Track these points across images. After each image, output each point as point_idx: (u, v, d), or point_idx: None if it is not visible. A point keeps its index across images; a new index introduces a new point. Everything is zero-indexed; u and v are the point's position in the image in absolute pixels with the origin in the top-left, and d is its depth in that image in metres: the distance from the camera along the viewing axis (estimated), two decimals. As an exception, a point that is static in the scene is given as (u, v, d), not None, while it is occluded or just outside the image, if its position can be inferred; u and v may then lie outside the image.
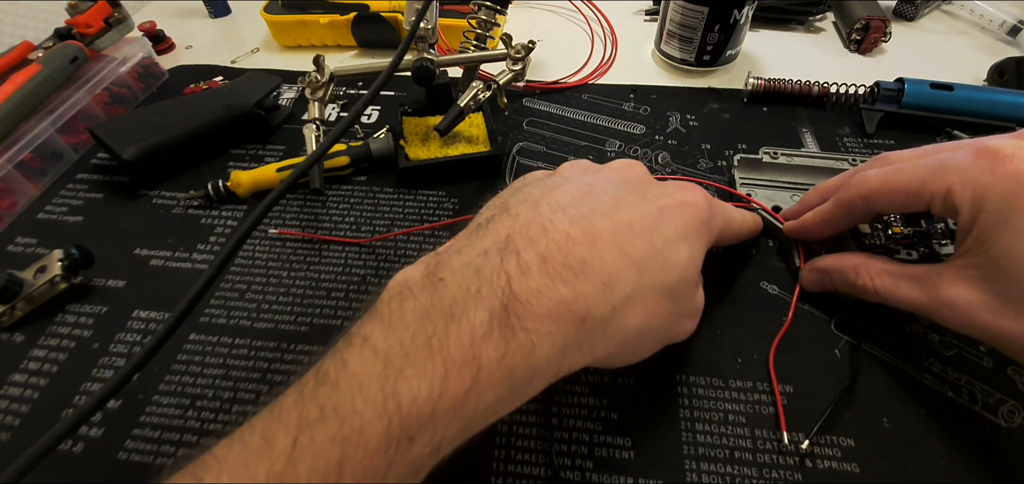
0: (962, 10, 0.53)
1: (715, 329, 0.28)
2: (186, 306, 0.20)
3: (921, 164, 0.23)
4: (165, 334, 0.20)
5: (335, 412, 0.14)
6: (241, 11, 0.56)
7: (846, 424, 0.24)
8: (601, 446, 0.24)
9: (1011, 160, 0.20)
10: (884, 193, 0.24)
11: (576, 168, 0.23)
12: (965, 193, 0.21)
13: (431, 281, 0.17)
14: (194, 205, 0.35)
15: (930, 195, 0.22)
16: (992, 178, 0.20)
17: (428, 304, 0.16)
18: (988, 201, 0.20)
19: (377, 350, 0.15)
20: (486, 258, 0.17)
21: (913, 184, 0.23)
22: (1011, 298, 0.20)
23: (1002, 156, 0.20)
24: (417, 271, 0.18)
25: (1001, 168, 0.20)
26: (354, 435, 0.14)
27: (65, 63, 0.39)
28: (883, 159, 0.26)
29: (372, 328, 0.16)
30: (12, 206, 0.35)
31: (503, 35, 0.36)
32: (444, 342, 0.15)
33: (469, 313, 0.16)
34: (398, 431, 0.14)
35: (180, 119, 0.36)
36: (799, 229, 0.29)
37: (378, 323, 0.16)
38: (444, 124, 0.34)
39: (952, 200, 0.21)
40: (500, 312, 0.16)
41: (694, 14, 0.41)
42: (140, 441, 0.24)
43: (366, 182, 0.36)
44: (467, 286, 0.16)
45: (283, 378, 0.26)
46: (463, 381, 0.15)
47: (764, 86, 0.41)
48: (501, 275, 0.16)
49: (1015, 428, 0.24)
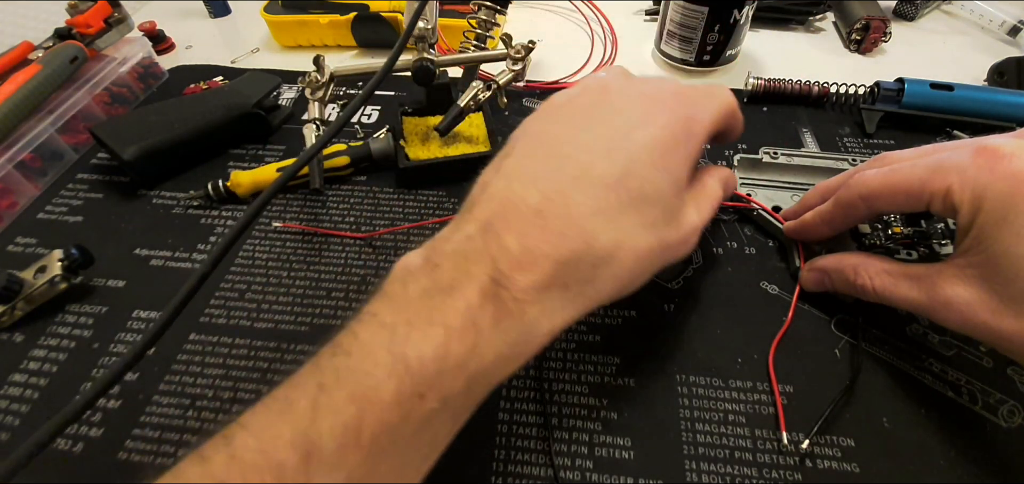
0: (962, 10, 0.53)
1: (715, 329, 0.28)
2: (180, 302, 0.20)
3: (920, 164, 0.23)
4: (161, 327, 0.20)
5: (350, 373, 0.16)
6: (241, 11, 0.56)
7: (846, 424, 0.24)
8: (601, 446, 0.24)
9: (1010, 159, 0.20)
10: (884, 193, 0.24)
11: (544, 116, 0.23)
12: (964, 192, 0.21)
13: (429, 265, 0.18)
14: (194, 205, 0.35)
15: (929, 195, 0.22)
16: (991, 177, 0.20)
17: (428, 284, 0.18)
18: (987, 200, 0.20)
19: (384, 322, 0.17)
20: (471, 242, 0.18)
21: (912, 184, 0.23)
22: (1010, 297, 0.20)
23: (1001, 155, 0.20)
24: (417, 257, 0.19)
25: (1000, 167, 0.20)
26: (369, 392, 0.15)
27: (65, 63, 0.39)
28: (882, 159, 0.26)
29: (379, 306, 0.18)
30: (12, 206, 0.35)
31: (503, 35, 0.36)
32: (444, 313, 0.17)
33: (463, 289, 0.17)
34: (409, 388, 0.16)
35: (180, 119, 0.36)
36: (799, 229, 0.29)
37: (384, 301, 0.18)
38: (444, 124, 0.34)
39: (951, 199, 0.21)
40: (490, 287, 0.18)
41: (694, 14, 0.41)
42: (140, 441, 0.24)
43: (366, 182, 0.36)
44: (458, 268, 0.18)
45: (283, 378, 0.26)
46: (465, 343, 0.17)
47: (764, 86, 0.41)
48: (486, 257, 0.18)
49: (1015, 428, 0.24)
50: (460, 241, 0.19)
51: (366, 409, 0.15)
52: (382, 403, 0.15)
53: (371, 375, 0.16)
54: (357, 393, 0.15)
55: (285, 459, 0.14)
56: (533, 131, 0.22)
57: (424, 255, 0.19)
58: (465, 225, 0.19)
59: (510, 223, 0.19)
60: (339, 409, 0.15)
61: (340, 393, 0.15)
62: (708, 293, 0.29)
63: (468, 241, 0.19)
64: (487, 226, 0.19)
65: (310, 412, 0.15)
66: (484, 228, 0.19)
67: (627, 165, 0.20)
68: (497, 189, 0.20)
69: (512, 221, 0.19)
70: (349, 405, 0.15)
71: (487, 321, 0.17)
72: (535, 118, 0.23)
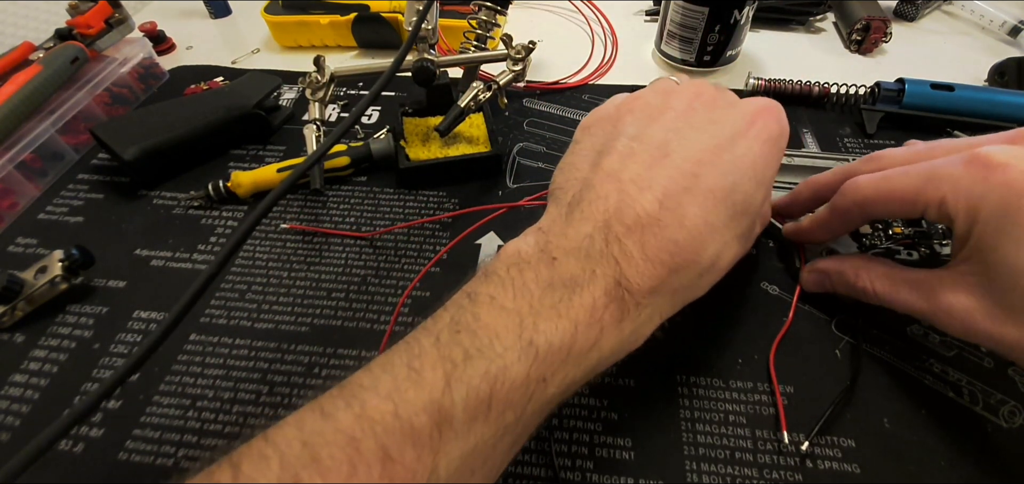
0: (962, 10, 0.53)
1: (716, 329, 0.28)
2: (183, 308, 0.20)
3: (913, 172, 0.23)
4: (164, 331, 0.20)
5: (480, 353, 0.16)
6: (241, 12, 0.56)
7: (846, 425, 0.24)
8: (601, 446, 0.24)
9: (1003, 169, 0.20)
10: (879, 201, 0.24)
11: (641, 117, 0.23)
12: (959, 203, 0.21)
13: (545, 257, 0.19)
14: (194, 206, 0.35)
15: (924, 204, 0.22)
16: (985, 187, 0.20)
17: (549, 277, 0.18)
18: (982, 211, 0.20)
19: (506, 308, 0.18)
20: (592, 242, 0.19)
21: (907, 193, 0.23)
22: (1011, 306, 0.20)
23: (994, 165, 0.20)
24: (527, 245, 0.20)
25: (994, 177, 0.20)
26: (500, 373, 0.16)
27: (66, 64, 0.39)
28: (873, 159, 0.26)
29: (496, 290, 0.18)
30: (13, 206, 0.35)
31: (503, 35, 0.36)
32: (570, 307, 0.18)
33: (590, 288, 0.18)
34: (537, 373, 0.17)
35: (181, 120, 0.36)
36: (796, 233, 0.29)
37: (501, 287, 0.18)
38: (444, 124, 0.34)
39: (946, 210, 0.21)
40: (614, 288, 0.19)
41: (694, 14, 0.41)
42: (140, 441, 0.24)
43: (366, 182, 0.36)
44: (582, 266, 0.19)
45: (283, 378, 0.26)
46: (590, 338, 0.18)
47: (765, 86, 0.41)
48: (610, 259, 0.19)
49: (1016, 429, 0.24)
50: (579, 239, 0.19)
51: (497, 388, 0.16)
52: (512, 383, 0.16)
53: (501, 357, 0.16)
54: (490, 372, 0.16)
55: (419, 424, 0.15)
56: (630, 131, 0.23)
57: (537, 245, 0.19)
58: (579, 223, 0.20)
59: (630, 228, 0.19)
60: (472, 385, 0.16)
61: (472, 370, 0.16)
62: (709, 293, 0.29)
63: (589, 241, 0.19)
64: (606, 227, 0.19)
65: (443, 384, 0.16)
66: (604, 229, 0.19)
67: (735, 179, 0.21)
68: (608, 189, 0.20)
69: (631, 226, 0.19)
70: (482, 383, 0.16)
71: (610, 319, 0.18)
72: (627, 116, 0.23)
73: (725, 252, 0.21)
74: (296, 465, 0.14)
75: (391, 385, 0.16)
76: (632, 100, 0.24)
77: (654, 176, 0.20)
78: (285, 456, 0.14)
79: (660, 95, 0.24)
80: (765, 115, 0.23)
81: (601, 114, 0.25)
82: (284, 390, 0.26)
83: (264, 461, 0.14)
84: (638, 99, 0.24)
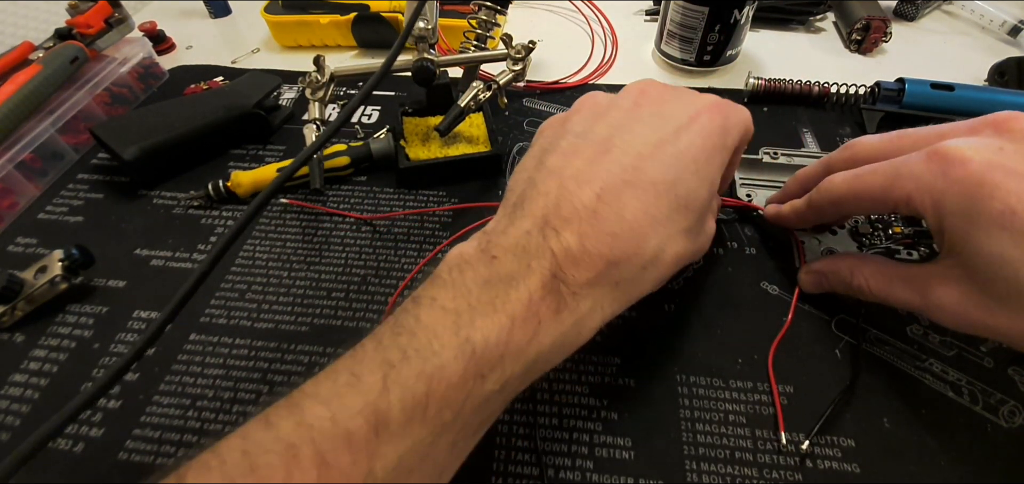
0: (962, 10, 0.53)
1: (715, 329, 0.28)
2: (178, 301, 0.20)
3: (880, 170, 0.23)
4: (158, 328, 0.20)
5: (417, 353, 0.17)
6: (241, 11, 0.56)
7: (846, 424, 0.24)
8: (601, 446, 0.24)
9: (961, 164, 0.20)
10: (850, 199, 0.24)
11: (588, 116, 0.24)
12: (924, 199, 0.21)
13: (485, 256, 0.19)
14: (194, 205, 0.35)
15: (893, 202, 0.22)
16: (945, 183, 0.20)
17: (487, 275, 0.19)
18: (946, 205, 0.20)
19: (446, 308, 0.18)
20: (530, 237, 0.19)
21: (875, 191, 0.23)
22: (997, 295, 0.20)
23: (952, 160, 0.20)
24: (470, 247, 0.20)
25: (953, 172, 0.20)
26: (437, 372, 0.16)
27: (65, 63, 0.39)
28: (849, 147, 0.26)
29: (438, 292, 0.18)
30: (13, 206, 0.35)
31: (503, 35, 0.36)
32: (507, 302, 0.18)
33: (526, 281, 0.18)
34: (474, 370, 0.17)
35: (180, 119, 0.36)
36: (775, 216, 0.30)
37: (442, 288, 0.19)
38: (444, 124, 0.34)
39: (914, 206, 0.22)
40: (551, 281, 0.19)
41: (694, 14, 0.41)
42: (140, 441, 0.24)
43: (366, 182, 0.36)
44: (519, 261, 0.19)
45: (283, 378, 0.26)
46: (527, 332, 0.18)
47: (764, 86, 0.41)
48: (546, 252, 0.19)
49: (1016, 429, 0.24)
50: (518, 236, 0.20)
51: (433, 386, 0.16)
52: (448, 382, 0.16)
53: (438, 355, 0.17)
54: (425, 371, 0.16)
55: (355, 427, 0.15)
56: (576, 129, 0.23)
57: (478, 246, 0.20)
58: (520, 221, 0.20)
59: (568, 221, 0.20)
60: (407, 386, 0.16)
61: (408, 371, 0.16)
62: (708, 293, 0.29)
63: (527, 236, 0.19)
64: (545, 222, 0.20)
65: (379, 386, 0.16)
66: (542, 224, 0.20)
67: (678, 172, 0.21)
68: (549, 186, 0.21)
69: (570, 219, 0.20)
70: (418, 382, 0.16)
71: (547, 312, 0.18)
72: (574, 116, 0.24)
73: (669, 246, 0.21)
74: (235, 473, 0.14)
75: (331, 391, 0.16)
76: (583, 100, 0.25)
77: (594, 171, 0.21)
78: (226, 464, 0.15)
79: (609, 95, 0.24)
80: (711, 110, 0.23)
81: (556, 116, 0.25)
82: (284, 390, 0.26)
83: (207, 470, 0.15)
84: (588, 99, 0.25)
